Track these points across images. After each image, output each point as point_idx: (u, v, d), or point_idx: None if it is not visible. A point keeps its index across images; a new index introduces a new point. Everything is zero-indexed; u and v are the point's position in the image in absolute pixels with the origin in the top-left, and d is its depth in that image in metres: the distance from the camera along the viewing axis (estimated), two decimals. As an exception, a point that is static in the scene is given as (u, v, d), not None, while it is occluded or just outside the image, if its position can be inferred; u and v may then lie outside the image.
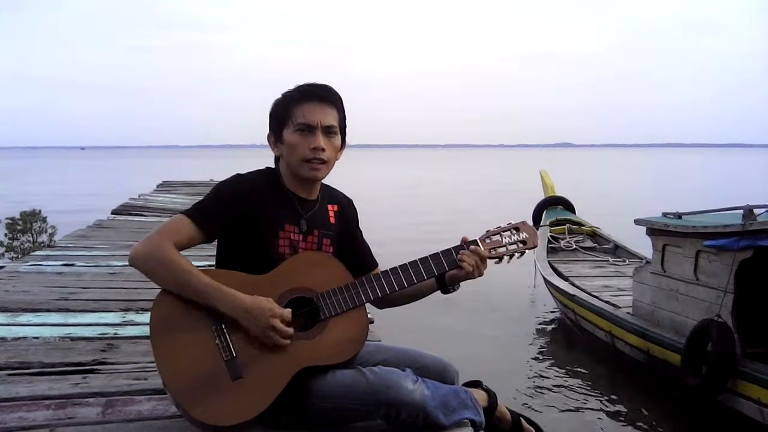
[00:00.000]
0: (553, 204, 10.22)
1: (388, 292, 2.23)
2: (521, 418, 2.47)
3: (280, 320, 2.04)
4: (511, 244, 2.34)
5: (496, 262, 2.33)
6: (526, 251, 2.36)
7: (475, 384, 2.46)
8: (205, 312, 2.06)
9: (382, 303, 2.39)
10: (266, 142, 2.32)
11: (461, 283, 2.33)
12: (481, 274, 2.28)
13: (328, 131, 2.22)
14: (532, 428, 2.47)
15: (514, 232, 2.36)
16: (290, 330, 2.06)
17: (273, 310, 2.04)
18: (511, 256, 2.34)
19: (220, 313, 2.06)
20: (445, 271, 2.28)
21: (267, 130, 2.31)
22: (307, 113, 2.19)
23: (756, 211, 4.45)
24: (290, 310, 2.08)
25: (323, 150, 2.20)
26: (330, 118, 2.22)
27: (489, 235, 2.35)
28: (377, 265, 2.47)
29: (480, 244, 2.30)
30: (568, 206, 10.16)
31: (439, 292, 2.37)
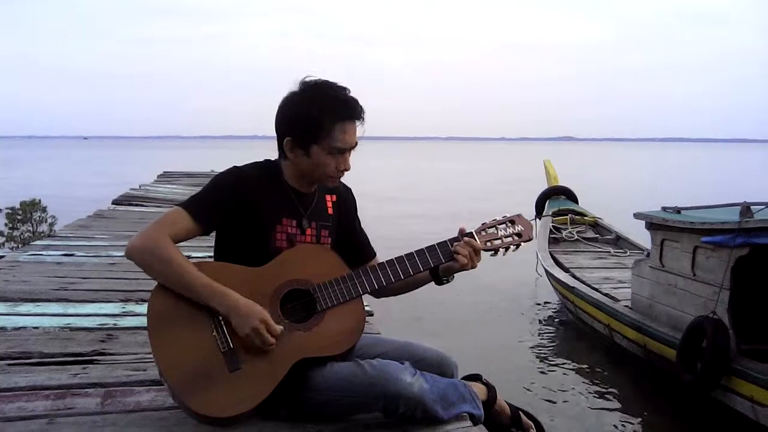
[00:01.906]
0: (556, 194, 10.18)
1: (385, 283, 2.24)
2: (520, 412, 2.48)
3: (265, 327, 2.03)
4: (506, 236, 2.35)
5: (491, 255, 2.35)
6: (522, 244, 2.37)
7: (475, 377, 2.47)
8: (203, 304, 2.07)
9: (378, 293, 2.39)
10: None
11: (456, 275, 2.34)
12: (474, 266, 2.28)
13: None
14: (531, 422, 2.48)
15: (510, 224, 2.37)
16: (272, 340, 2.04)
17: (263, 316, 2.04)
18: (506, 249, 2.35)
19: None
20: (440, 263, 2.28)
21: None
22: (347, 138, 2.16)
23: (753, 208, 4.44)
24: (282, 327, 2.07)
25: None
26: (357, 134, 2.22)
27: (485, 227, 2.35)
28: (375, 254, 2.48)
29: (475, 236, 2.31)
30: (571, 196, 10.13)
31: (433, 282, 2.38)
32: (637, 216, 5.73)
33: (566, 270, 7.52)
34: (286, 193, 2.25)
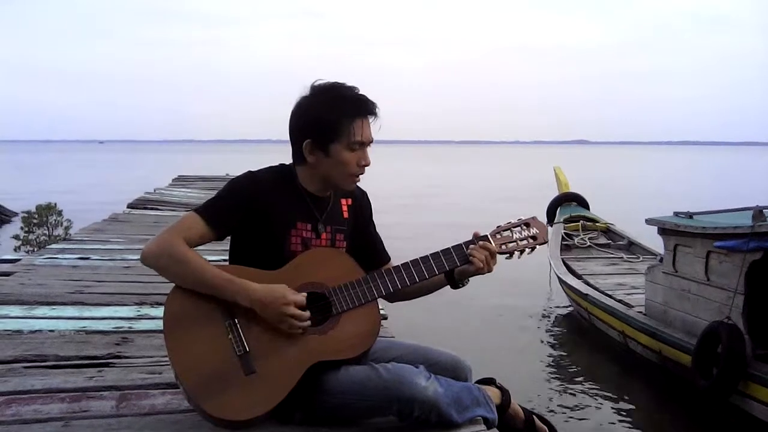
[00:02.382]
0: (567, 200, 10.12)
1: (400, 286, 2.24)
2: (534, 416, 2.47)
3: (294, 305, 2.05)
4: (521, 239, 2.35)
5: (506, 258, 2.34)
6: (537, 246, 2.37)
7: (489, 381, 2.46)
8: (218, 307, 2.08)
9: (392, 297, 2.38)
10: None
11: (471, 279, 2.34)
12: (490, 270, 2.28)
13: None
14: (545, 426, 2.47)
15: (525, 227, 2.36)
16: (306, 314, 2.07)
17: (286, 297, 2.05)
18: (521, 252, 2.35)
19: (233, 307, 2.07)
20: (456, 266, 2.28)
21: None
22: (365, 132, 2.18)
23: (766, 212, 4.41)
24: (305, 294, 2.09)
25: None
26: (373, 130, 2.23)
27: (499, 230, 2.35)
28: (389, 259, 2.47)
29: (490, 239, 2.30)
30: (582, 202, 10.06)
31: (449, 286, 2.38)
32: (649, 222, 5.71)
33: (579, 277, 7.48)
34: (301, 197, 2.25)
